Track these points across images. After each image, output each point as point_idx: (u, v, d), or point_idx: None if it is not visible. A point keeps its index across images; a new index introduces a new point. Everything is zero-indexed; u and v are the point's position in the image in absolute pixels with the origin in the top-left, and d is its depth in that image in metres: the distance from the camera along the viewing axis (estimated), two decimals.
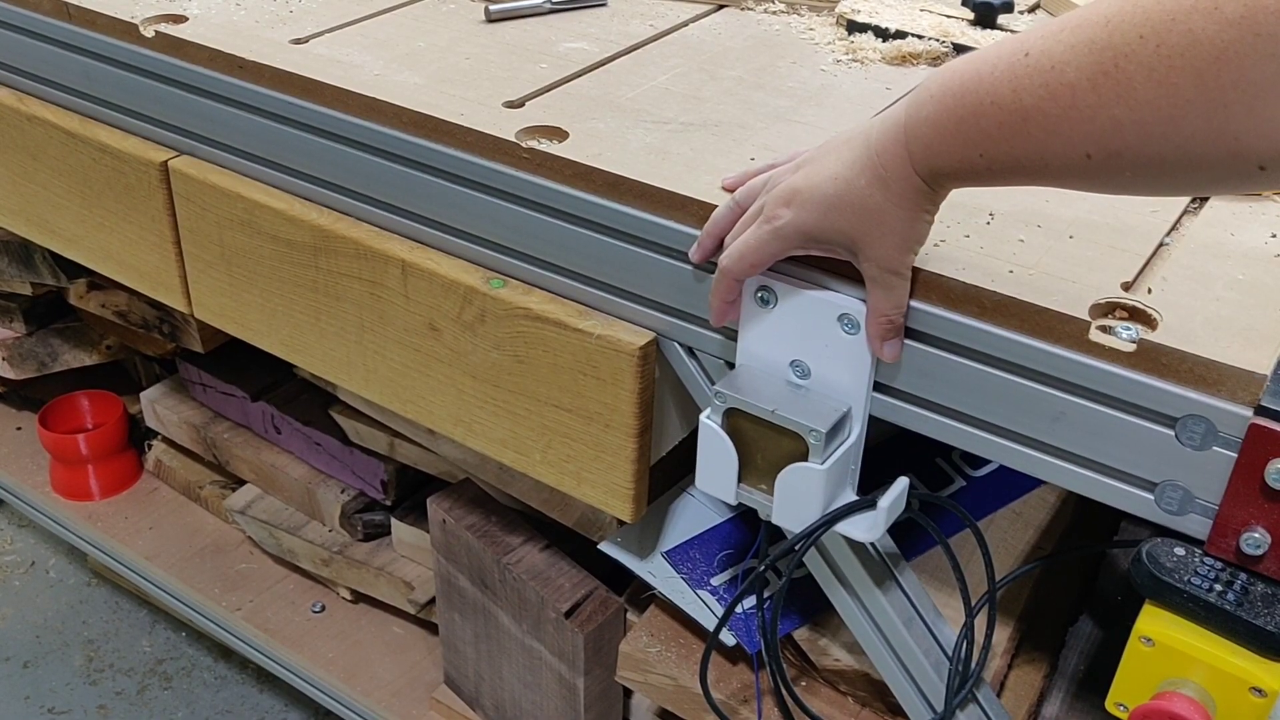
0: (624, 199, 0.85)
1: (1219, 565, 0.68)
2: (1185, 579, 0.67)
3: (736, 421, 0.81)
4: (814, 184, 0.70)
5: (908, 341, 0.75)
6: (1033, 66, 0.59)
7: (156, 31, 1.07)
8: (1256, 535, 0.65)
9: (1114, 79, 0.55)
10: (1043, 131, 0.59)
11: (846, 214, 0.69)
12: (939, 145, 0.64)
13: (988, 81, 0.61)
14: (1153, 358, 0.67)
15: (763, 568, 0.90)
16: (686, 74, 1.03)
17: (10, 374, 1.77)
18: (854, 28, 1.11)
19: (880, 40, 1.09)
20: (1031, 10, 1.18)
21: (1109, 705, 0.72)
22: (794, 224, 0.71)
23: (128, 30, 1.09)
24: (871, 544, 0.86)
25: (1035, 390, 0.72)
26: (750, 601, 1.04)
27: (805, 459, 0.78)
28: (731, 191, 0.80)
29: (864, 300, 0.74)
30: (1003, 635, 0.98)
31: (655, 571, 1.08)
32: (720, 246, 0.79)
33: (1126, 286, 0.73)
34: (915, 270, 0.73)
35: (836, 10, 1.15)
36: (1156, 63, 0.53)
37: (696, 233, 0.82)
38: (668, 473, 1.05)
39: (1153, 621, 0.69)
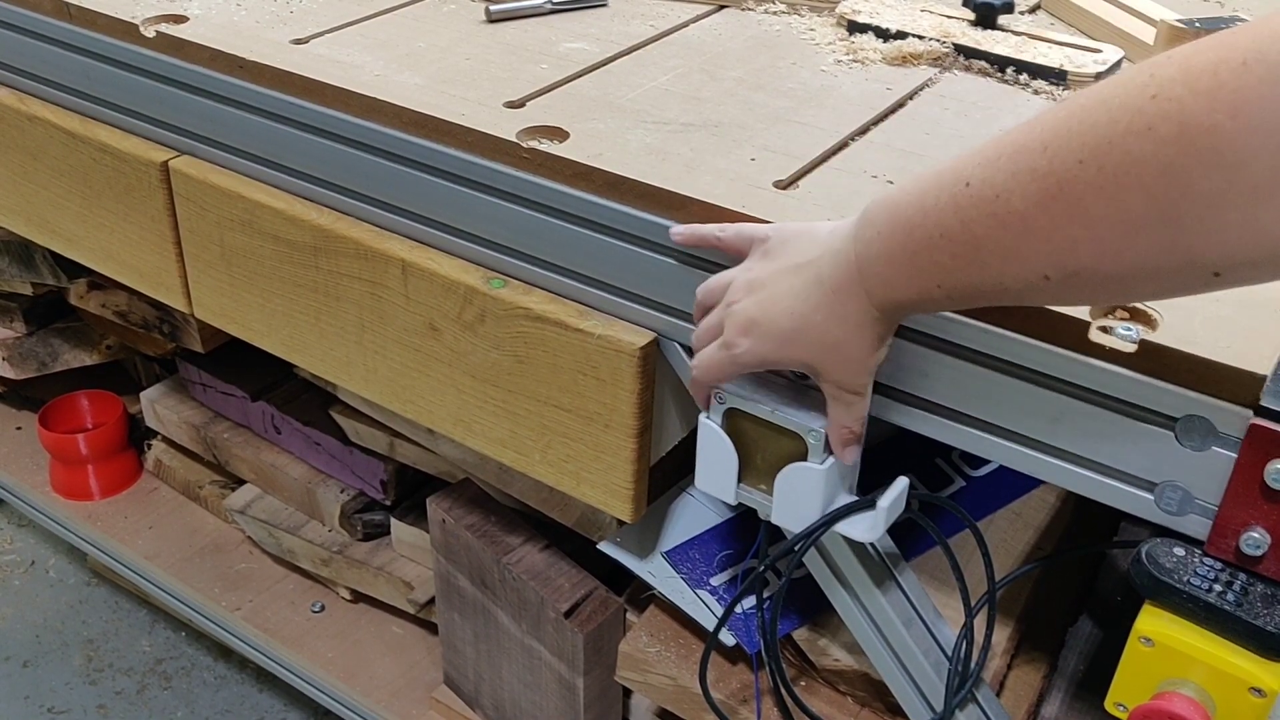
0: (624, 199, 0.85)
1: (1218, 565, 0.68)
2: (1185, 579, 0.68)
3: (736, 421, 0.81)
4: (770, 317, 0.71)
5: (908, 342, 0.76)
6: (976, 196, 0.58)
7: (157, 31, 1.07)
8: (1256, 535, 0.65)
9: (1062, 203, 0.55)
10: (998, 259, 0.59)
11: (804, 346, 0.70)
12: (895, 280, 0.64)
13: (933, 215, 0.61)
14: (1153, 358, 0.67)
15: (762, 568, 0.90)
16: (687, 74, 1.03)
17: (10, 374, 1.77)
18: (855, 28, 1.12)
19: (881, 41, 1.09)
20: (1032, 11, 1.18)
21: (1108, 705, 0.72)
22: (752, 353, 0.72)
23: (128, 30, 1.09)
24: (871, 544, 0.86)
25: (1035, 390, 0.72)
26: (750, 601, 1.04)
27: (805, 459, 0.78)
28: (683, 245, 0.81)
29: None
30: (1002, 635, 0.98)
31: (655, 571, 1.08)
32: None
33: None
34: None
35: (837, 11, 1.15)
36: (1103, 183, 0.53)
37: None
38: (668, 473, 1.05)
39: (1152, 621, 0.69)
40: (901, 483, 0.81)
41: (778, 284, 0.71)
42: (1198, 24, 1.01)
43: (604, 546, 1.11)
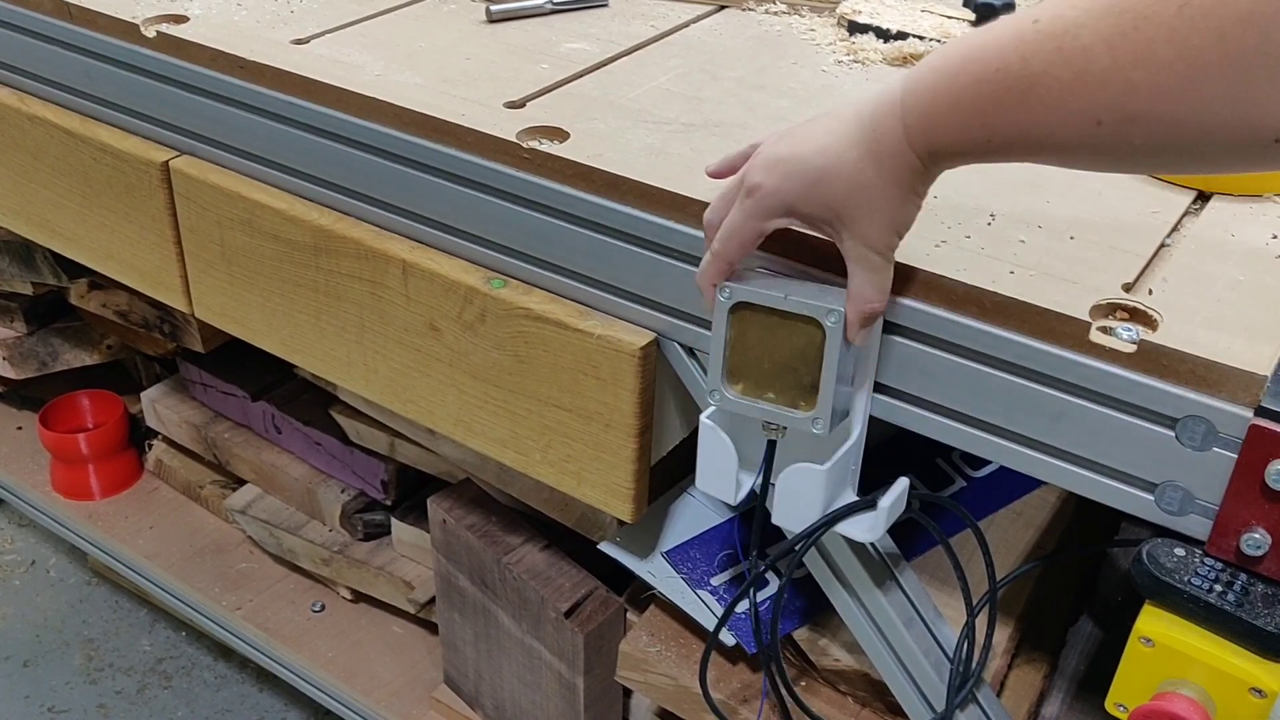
0: (624, 199, 0.85)
1: (1219, 566, 0.68)
2: (1185, 579, 0.68)
3: (742, 321, 0.76)
4: (800, 154, 0.68)
5: (908, 342, 0.76)
6: (1043, 32, 0.57)
7: (158, 32, 1.07)
8: (1257, 536, 0.65)
9: (1132, 41, 0.53)
10: (1052, 97, 0.57)
11: (834, 188, 0.67)
12: (938, 117, 0.62)
13: (993, 49, 0.59)
14: (1153, 358, 0.67)
15: (764, 568, 0.89)
16: (687, 74, 1.03)
17: (11, 373, 1.77)
18: (855, 29, 1.12)
19: (881, 41, 1.09)
20: None
21: (1109, 705, 0.72)
22: (776, 194, 0.68)
23: (129, 30, 1.09)
24: (871, 544, 0.86)
25: (1035, 391, 0.72)
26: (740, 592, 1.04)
27: (820, 350, 0.73)
28: (716, 177, 0.78)
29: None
30: (1003, 635, 0.98)
31: (655, 571, 1.08)
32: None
33: (1127, 287, 0.73)
34: (916, 270, 0.73)
35: (838, 11, 1.15)
36: (1179, 24, 0.52)
37: (697, 233, 0.82)
38: (668, 473, 1.05)
39: (1153, 622, 0.69)
40: (902, 483, 0.81)
41: (813, 125, 0.68)
42: None
43: (604, 546, 1.11)
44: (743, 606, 1.03)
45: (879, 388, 0.78)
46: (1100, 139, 0.57)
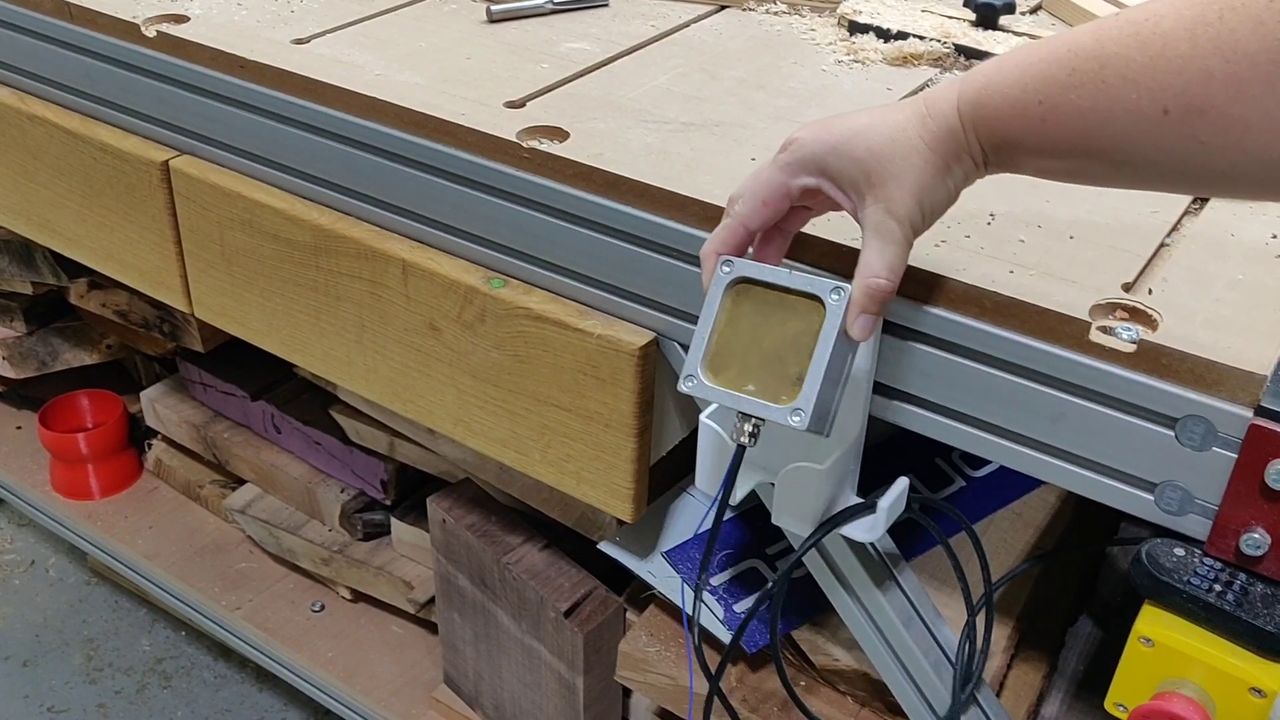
0: (624, 199, 0.85)
1: (1219, 566, 0.68)
2: (1185, 579, 0.68)
3: (741, 301, 0.72)
4: (841, 119, 0.66)
5: (908, 342, 0.76)
6: (1124, 18, 0.56)
7: (158, 31, 1.07)
8: (1256, 536, 0.65)
9: (1215, 29, 0.52)
10: (1120, 80, 0.55)
11: (870, 142, 0.64)
12: (995, 85, 0.60)
13: (1066, 35, 0.58)
14: (1153, 358, 0.67)
15: (772, 586, 0.89)
16: (688, 74, 1.03)
17: (10, 373, 1.77)
18: (855, 28, 1.12)
19: (882, 41, 1.09)
20: (1033, 11, 1.18)
21: (1108, 705, 0.72)
22: (810, 145, 0.66)
23: (129, 30, 1.09)
24: (871, 544, 0.86)
25: (1035, 391, 0.72)
26: (749, 601, 1.04)
27: (814, 340, 0.69)
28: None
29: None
30: (1002, 635, 0.98)
31: (655, 571, 1.08)
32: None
33: (1127, 287, 0.74)
34: (916, 270, 0.73)
35: (838, 11, 1.15)
36: (1267, 15, 0.51)
37: (697, 233, 0.82)
38: (668, 473, 1.05)
39: (1152, 622, 0.69)
40: (902, 483, 0.81)
41: (859, 111, 0.66)
42: None
43: (604, 546, 1.11)
44: (742, 606, 1.03)
45: (879, 388, 0.78)
46: (1163, 131, 0.55)
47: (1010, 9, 1.10)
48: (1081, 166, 0.61)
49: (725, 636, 1.02)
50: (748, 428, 0.72)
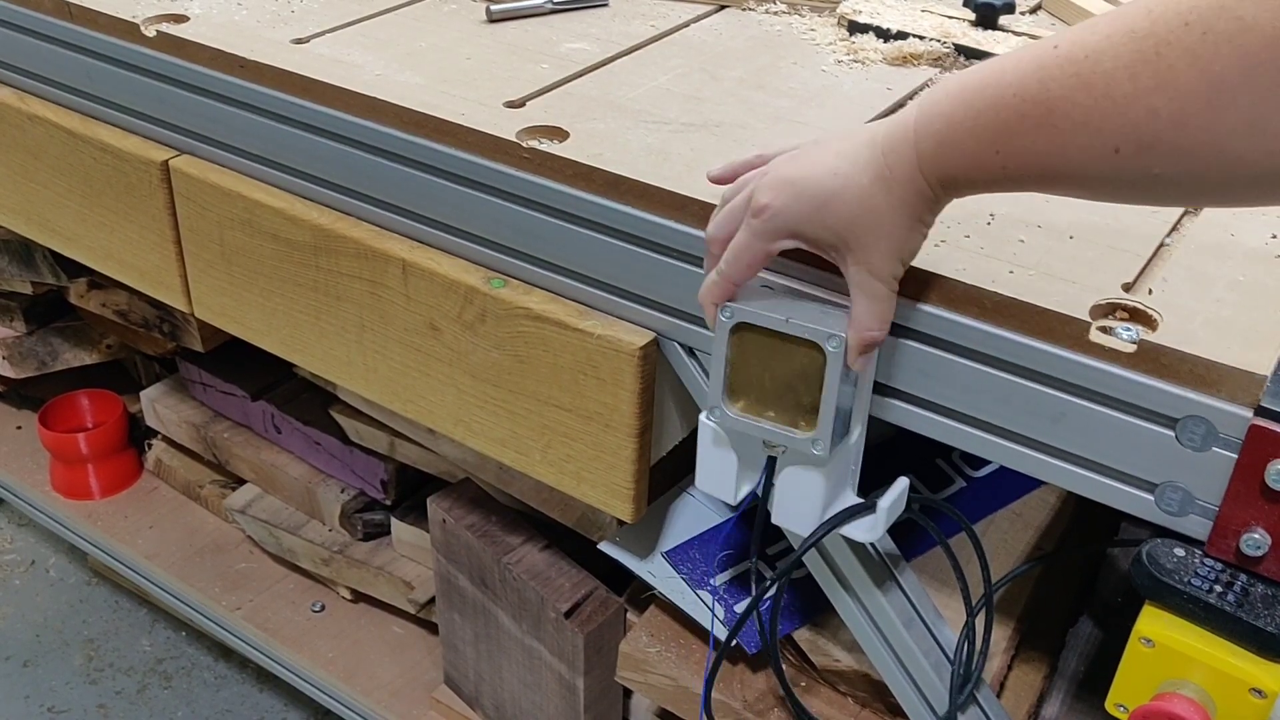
0: (624, 199, 0.85)
1: (1219, 566, 0.68)
2: (1185, 580, 0.67)
3: (744, 339, 0.76)
4: (809, 175, 0.67)
5: (908, 342, 0.76)
6: (1063, 57, 0.56)
7: (158, 31, 1.07)
8: (1256, 536, 0.65)
9: (1154, 67, 0.53)
10: (1070, 124, 0.56)
11: (841, 211, 0.66)
12: (951, 143, 0.61)
13: (1011, 74, 0.58)
14: (1153, 358, 0.67)
15: (770, 584, 0.89)
16: (687, 74, 1.03)
17: (10, 373, 1.77)
18: (855, 28, 1.12)
19: (882, 41, 1.09)
20: (1033, 11, 1.18)
21: (1109, 706, 0.72)
22: (782, 216, 0.67)
23: (129, 30, 1.09)
24: (871, 544, 0.86)
25: (1035, 391, 0.72)
26: (748, 601, 1.04)
27: (821, 374, 0.73)
28: (718, 183, 0.78)
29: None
30: (1002, 635, 0.98)
31: (655, 571, 1.08)
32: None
33: (1127, 287, 0.73)
34: (915, 270, 0.73)
35: (838, 11, 1.15)
36: (1202, 49, 0.51)
37: (697, 233, 0.82)
38: (668, 473, 1.05)
39: (1152, 622, 0.69)
40: (902, 483, 0.81)
41: (823, 149, 0.67)
42: None
43: (604, 546, 1.11)
44: (742, 606, 1.03)
45: (879, 388, 0.78)
46: (1118, 168, 0.56)
47: (1010, 9, 1.10)
48: (1049, 191, 0.62)
49: (722, 634, 1.02)
50: (775, 443, 0.78)
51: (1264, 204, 0.56)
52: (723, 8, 1.19)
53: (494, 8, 1.13)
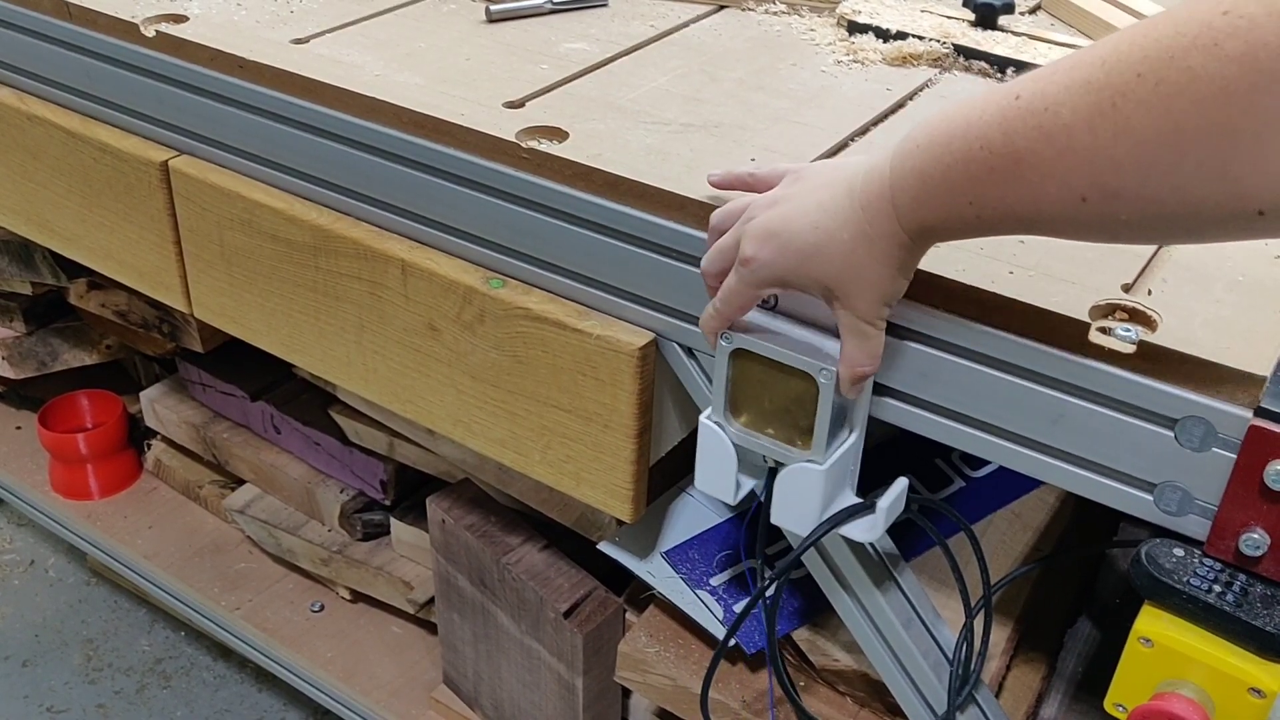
0: (624, 199, 0.85)
1: (1218, 566, 0.68)
2: (1184, 580, 0.68)
3: (742, 364, 0.78)
4: (793, 229, 0.68)
5: (908, 342, 0.76)
6: (1025, 108, 0.57)
7: (157, 31, 1.07)
8: (1255, 536, 0.65)
9: (1111, 118, 0.54)
10: (1037, 175, 0.57)
11: (825, 265, 0.68)
12: (926, 196, 0.63)
13: (977, 126, 0.59)
14: (1152, 359, 0.67)
15: (769, 584, 0.89)
16: (687, 75, 1.03)
17: (10, 373, 1.77)
18: (855, 29, 1.12)
19: (881, 41, 1.09)
20: (1033, 11, 1.18)
21: (1108, 706, 0.72)
22: (769, 268, 0.70)
23: (128, 30, 1.09)
24: (870, 544, 0.86)
25: (1035, 391, 0.72)
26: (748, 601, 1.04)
27: (815, 402, 0.76)
28: (718, 187, 0.79)
29: None
30: (1001, 636, 0.98)
31: (654, 571, 1.08)
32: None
33: (1126, 288, 0.73)
34: (916, 270, 0.73)
35: (837, 11, 1.15)
36: (1156, 101, 0.52)
37: (696, 233, 0.82)
38: (667, 473, 1.05)
39: (1151, 622, 0.69)
40: (901, 483, 0.81)
41: (805, 197, 0.69)
42: None
43: (604, 546, 1.11)
44: (740, 606, 1.03)
45: (879, 388, 0.78)
46: (1087, 215, 0.57)
47: (1009, 9, 1.10)
48: (1027, 234, 0.63)
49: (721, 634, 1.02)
50: (774, 458, 0.81)
51: (1239, 240, 0.56)
52: (722, 8, 1.19)
53: (493, 8, 1.13)
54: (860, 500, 0.81)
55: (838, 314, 0.71)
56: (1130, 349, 0.68)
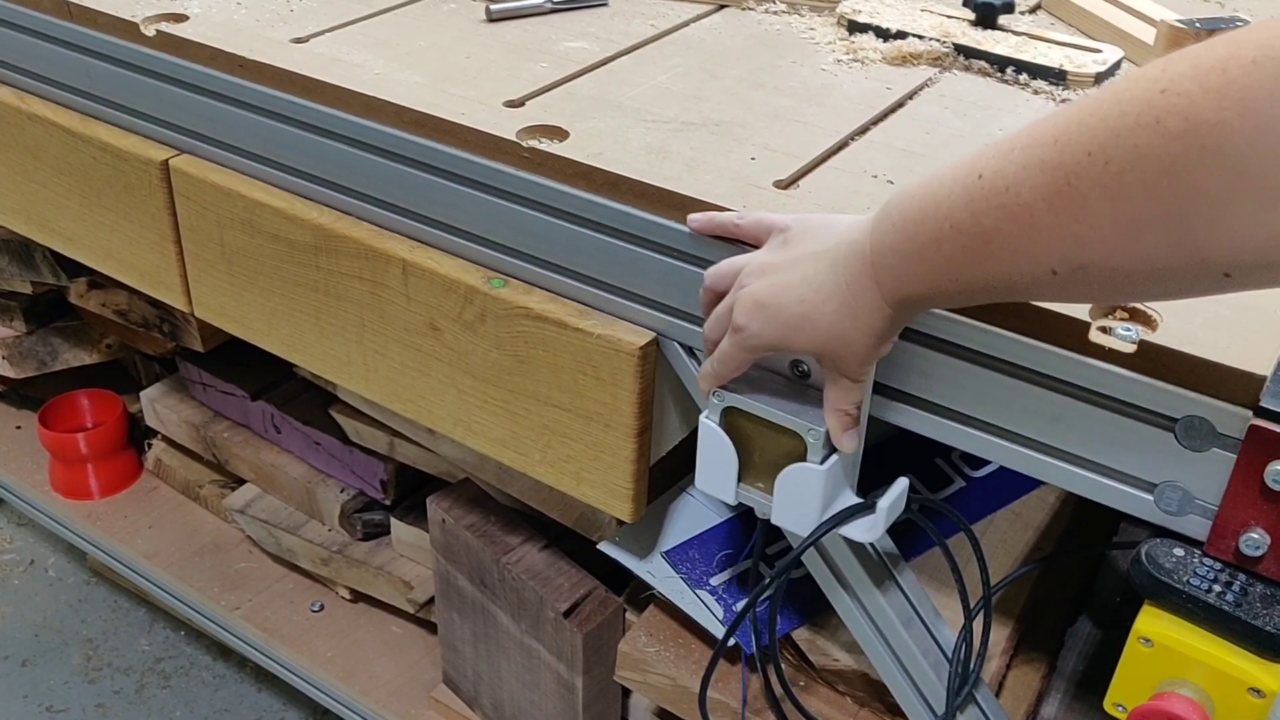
0: (624, 199, 0.85)
1: (1218, 566, 0.68)
2: (1184, 579, 0.68)
3: (735, 420, 0.81)
4: (780, 303, 0.70)
5: (908, 342, 0.76)
6: (987, 189, 0.58)
7: (157, 30, 1.07)
8: (1255, 536, 0.65)
9: (1068, 197, 0.54)
10: (1006, 251, 0.58)
11: (811, 335, 0.70)
12: (906, 274, 0.64)
13: (945, 206, 0.60)
14: (1152, 359, 0.67)
15: (769, 582, 0.89)
16: (687, 73, 1.03)
17: (10, 373, 1.77)
18: (855, 28, 1.12)
19: (881, 40, 1.09)
20: (1032, 11, 1.18)
21: (1107, 705, 0.72)
22: (759, 337, 0.72)
23: (129, 29, 1.09)
24: (871, 544, 0.86)
25: (1035, 391, 0.72)
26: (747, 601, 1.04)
27: (804, 458, 0.78)
28: (700, 232, 0.81)
29: None
30: (1001, 635, 0.98)
31: (654, 571, 1.08)
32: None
33: None
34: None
35: (837, 10, 1.15)
36: (1108, 179, 0.53)
37: None
38: (668, 473, 1.05)
39: (1151, 622, 0.69)
40: (901, 483, 0.81)
41: (792, 270, 0.71)
42: (1198, 24, 1.01)
43: (604, 546, 1.11)
44: (740, 606, 1.03)
45: (879, 388, 0.78)
46: (1061, 285, 0.58)
47: (1009, 8, 1.10)
48: (1010, 300, 0.65)
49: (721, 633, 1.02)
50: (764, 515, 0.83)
51: (1202, 296, 0.57)
52: (722, 7, 1.19)
53: (493, 7, 1.13)
54: (860, 500, 0.81)
55: (824, 370, 0.74)
56: (1130, 348, 0.68)
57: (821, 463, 0.77)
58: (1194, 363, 0.66)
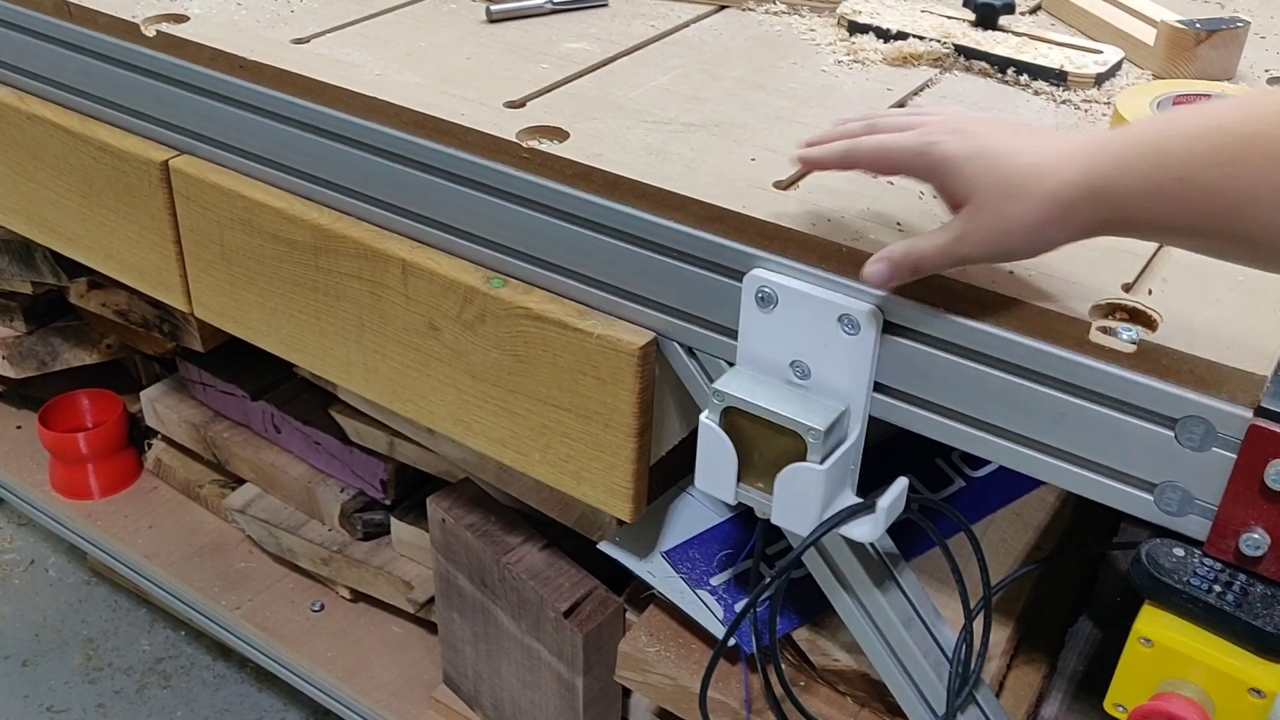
0: (624, 199, 0.85)
1: (1218, 566, 0.68)
2: (1184, 580, 0.68)
3: (735, 421, 0.81)
4: (983, 133, 0.66)
5: (907, 342, 0.76)
6: (1277, 95, 0.55)
7: (157, 31, 1.07)
8: (1256, 536, 0.65)
9: None
10: (1263, 157, 0.54)
11: (991, 165, 0.65)
12: (1130, 155, 0.59)
13: (1217, 106, 0.57)
14: (1153, 359, 0.67)
15: (769, 582, 0.90)
16: (687, 74, 1.03)
17: (10, 373, 1.77)
18: (855, 29, 1.12)
19: (881, 41, 1.09)
20: (1033, 12, 1.18)
21: (1108, 706, 0.72)
22: (944, 150, 0.67)
23: (129, 29, 1.09)
24: (871, 544, 0.86)
25: (1035, 391, 0.72)
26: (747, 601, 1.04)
27: (804, 458, 0.78)
28: (812, 145, 0.76)
29: (865, 300, 0.75)
30: (1001, 636, 0.98)
31: (655, 571, 1.08)
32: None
33: (1127, 288, 0.73)
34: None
35: (838, 11, 1.15)
36: None
37: (696, 233, 0.82)
38: (668, 473, 1.05)
39: (1152, 622, 0.69)
40: (901, 483, 0.81)
41: (1001, 124, 0.67)
42: (1198, 24, 1.01)
43: (604, 546, 1.11)
44: (740, 606, 1.03)
45: (879, 387, 0.78)
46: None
47: (1010, 9, 1.10)
48: (1212, 246, 0.60)
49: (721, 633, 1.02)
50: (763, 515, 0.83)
51: None
52: (723, 8, 1.19)
53: (494, 8, 1.13)
54: (860, 500, 0.81)
55: (952, 221, 0.68)
56: (1131, 349, 0.68)
57: (821, 462, 0.78)
58: (1194, 363, 0.66)
